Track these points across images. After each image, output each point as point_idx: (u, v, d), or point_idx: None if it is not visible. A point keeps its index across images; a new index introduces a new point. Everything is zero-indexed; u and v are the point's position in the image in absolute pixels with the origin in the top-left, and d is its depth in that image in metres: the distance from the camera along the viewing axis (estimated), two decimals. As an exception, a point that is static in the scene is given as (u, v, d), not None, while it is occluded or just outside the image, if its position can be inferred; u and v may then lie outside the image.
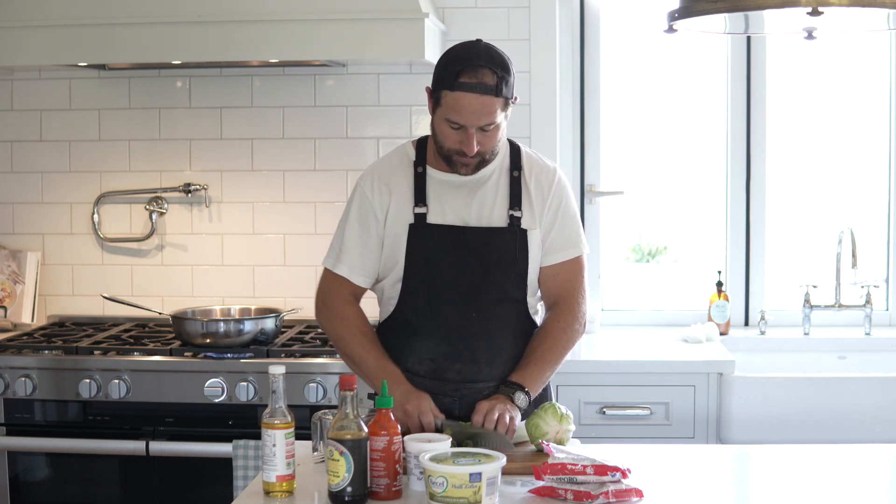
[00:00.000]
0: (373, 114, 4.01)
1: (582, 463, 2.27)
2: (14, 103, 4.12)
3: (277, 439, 2.28)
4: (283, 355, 3.52)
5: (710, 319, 4.05)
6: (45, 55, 3.62)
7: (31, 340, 3.71)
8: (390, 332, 2.76)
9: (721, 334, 4.00)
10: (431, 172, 2.73)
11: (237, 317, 3.80)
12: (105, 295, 3.92)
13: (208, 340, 3.57)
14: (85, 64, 3.79)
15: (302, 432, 2.47)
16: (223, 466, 3.28)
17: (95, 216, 4.10)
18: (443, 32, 3.85)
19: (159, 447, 3.47)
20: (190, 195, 4.07)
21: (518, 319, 2.75)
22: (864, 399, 3.50)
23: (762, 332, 4.04)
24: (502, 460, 2.19)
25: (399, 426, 2.29)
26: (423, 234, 2.69)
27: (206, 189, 4.08)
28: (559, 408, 2.56)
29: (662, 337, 3.97)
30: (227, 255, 4.10)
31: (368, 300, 2.88)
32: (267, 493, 2.29)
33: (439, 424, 2.57)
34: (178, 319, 3.63)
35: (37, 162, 4.13)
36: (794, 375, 3.57)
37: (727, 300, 4.06)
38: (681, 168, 4.41)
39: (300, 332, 3.86)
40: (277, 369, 2.30)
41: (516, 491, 2.31)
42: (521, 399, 2.62)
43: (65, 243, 4.15)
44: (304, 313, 3.87)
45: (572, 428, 2.57)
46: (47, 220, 4.15)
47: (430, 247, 2.69)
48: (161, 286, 4.12)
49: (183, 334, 3.61)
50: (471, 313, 2.70)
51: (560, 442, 2.52)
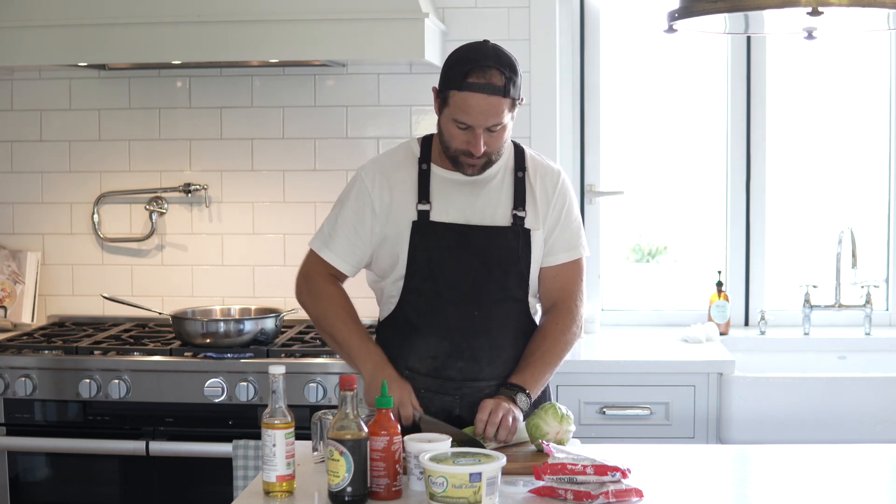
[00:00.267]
0: (373, 114, 4.01)
1: (582, 463, 2.27)
2: (14, 103, 4.12)
3: (277, 439, 2.28)
4: (283, 355, 3.52)
5: (710, 319, 4.05)
6: (45, 55, 3.62)
7: (31, 340, 3.71)
8: (391, 331, 2.76)
9: (721, 334, 4.00)
10: (435, 170, 2.73)
11: (237, 317, 3.80)
12: (105, 295, 3.92)
13: (208, 340, 3.57)
14: (85, 64, 3.79)
15: (302, 432, 2.47)
16: (223, 466, 3.28)
17: (95, 216, 4.10)
18: (443, 32, 3.85)
19: (159, 447, 3.47)
20: (190, 195, 4.07)
21: (519, 319, 2.75)
22: (864, 399, 3.50)
23: (762, 332, 4.04)
24: (502, 460, 2.19)
25: (399, 426, 2.29)
26: (425, 231, 2.68)
27: (206, 189, 4.08)
28: (559, 408, 2.56)
29: (662, 337, 3.97)
30: (227, 255, 4.10)
31: (369, 300, 2.88)
32: (267, 493, 2.29)
33: (417, 418, 2.57)
34: (178, 319, 3.63)
35: (37, 162, 4.13)
36: (794, 375, 3.57)
37: (727, 300, 4.06)
38: (681, 168, 4.41)
39: (300, 332, 3.86)
40: (277, 369, 2.30)
41: (517, 491, 2.31)
42: (523, 401, 2.62)
43: (65, 243, 4.15)
44: (303, 313, 3.86)
45: (572, 428, 2.57)
46: (47, 220, 4.15)
47: (433, 245, 2.68)
48: (161, 286, 4.12)
49: (183, 334, 3.61)
50: (472, 312, 2.69)
51: (560, 442, 2.52)
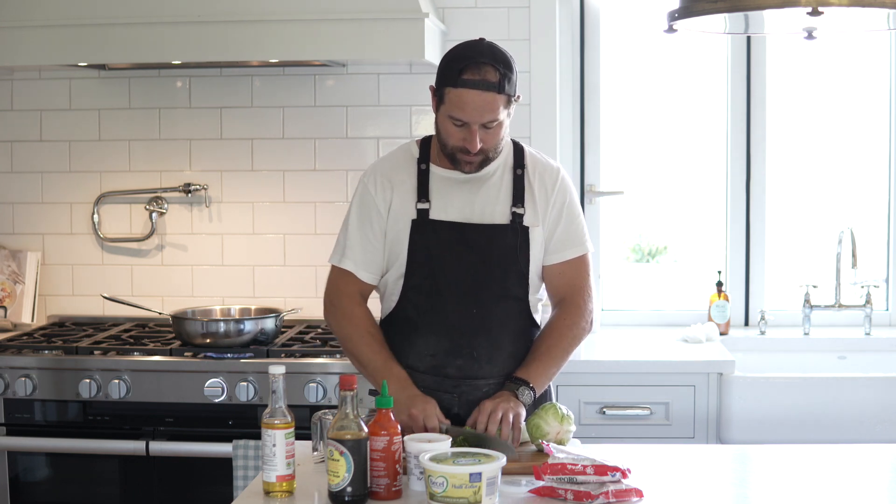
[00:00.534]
0: (373, 114, 4.01)
1: (582, 463, 2.27)
2: (14, 103, 4.12)
3: (277, 439, 2.28)
4: (283, 355, 3.52)
5: (710, 319, 4.05)
6: (45, 55, 3.62)
7: (31, 340, 3.71)
8: (391, 328, 2.77)
9: (721, 334, 4.00)
10: (434, 169, 2.74)
11: (237, 317, 3.80)
12: (105, 295, 3.92)
13: (208, 340, 3.57)
14: (85, 64, 3.79)
15: (302, 432, 2.47)
16: (223, 466, 3.28)
17: (95, 216, 4.10)
18: (443, 32, 3.85)
19: (159, 447, 3.46)
20: (190, 195, 4.07)
21: (519, 317, 2.75)
22: (864, 399, 3.50)
23: (762, 332, 4.04)
24: (502, 460, 2.18)
25: (400, 426, 2.29)
26: (425, 230, 2.69)
27: (206, 189, 4.08)
28: (560, 408, 2.56)
29: (662, 337, 3.97)
30: (227, 255, 4.10)
31: (371, 299, 2.88)
32: (267, 493, 2.29)
33: (443, 430, 2.56)
34: (178, 319, 3.63)
35: (37, 162, 4.13)
36: (794, 375, 3.57)
37: (727, 300, 4.06)
38: (681, 168, 4.41)
39: (300, 332, 3.86)
40: (277, 369, 2.30)
41: (517, 491, 2.31)
42: (526, 395, 2.62)
43: (65, 243, 4.15)
44: (304, 313, 3.88)
45: (573, 428, 2.57)
46: (47, 220, 4.15)
47: (433, 243, 2.69)
48: (161, 286, 4.12)
49: (183, 334, 3.61)
50: (472, 310, 2.70)
51: (560, 442, 2.52)
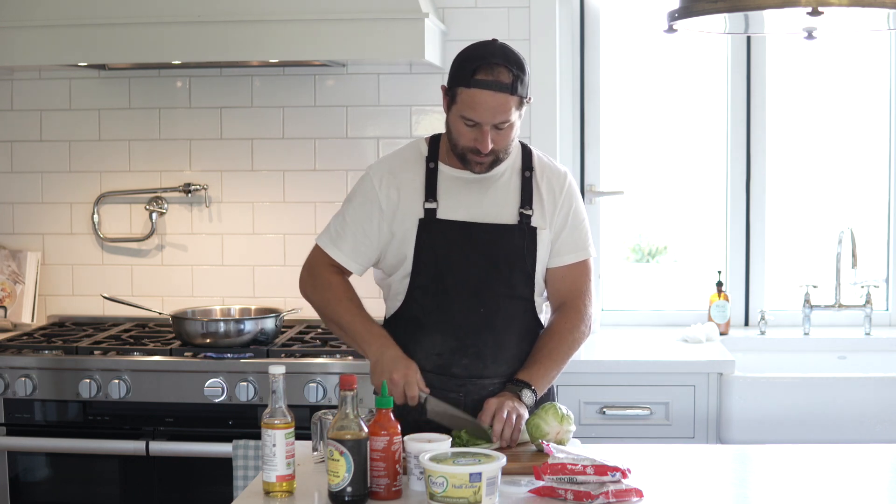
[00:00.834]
0: (373, 114, 4.01)
1: (582, 463, 2.27)
2: (14, 103, 4.12)
3: (277, 439, 2.28)
4: (283, 355, 3.52)
5: (710, 319, 4.05)
6: (45, 55, 3.61)
7: (31, 340, 3.71)
8: (397, 328, 2.77)
9: (721, 334, 4.00)
10: (443, 168, 2.74)
11: (237, 317, 3.80)
12: (105, 295, 3.92)
13: (208, 340, 3.57)
14: (85, 64, 3.79)
15: (302, 432, 2.47)
16: (223, 466, 3.28)
17: (95, 216, 4.10)
18: (443, 32, 3.85)
19: (159, 447, 3.46)
20: (190, 195, 4.07)
21: (525, 317, 2.76)
22: (864, 399, 3.50)
23: (762, 332, 4.04)
24: (502, 460, 2.19)
25: (399, 426, 2.29)
26: (432, 229, 2.70)
27: (206, 189, 4.08)
28: (560, 408, 2.56)
29: (662, 337, 3.97)
30: (227, 255, 4.10)
31: (374, 300, 2.89)
32: (267, 493, 2.29)
33: (423, 399, 2.58)
34: (178, 319, 3.63)
35: (37, 162, 4.13)
36: (794, 375, 3.57)
37: (727, 300, 4.06)
38: (681, 168, 4.41)
39: (300, 332, 3.86)
40: (277, 369, 2.30)
41: (517, 491, 2.31)
42: (529, 397, 2.63)
43: (65, 243, 4.15)
44: (304, 313, 3.86)
45: (573, 428, 2.57)
46: (47, 220, 4.14)
47: (440, 242, 2.69)
48: (161, 286, 4.11)
49: (183, 334, 3.61)
50: (478, 309, 2.70)
51: (560, 442, 2.52)
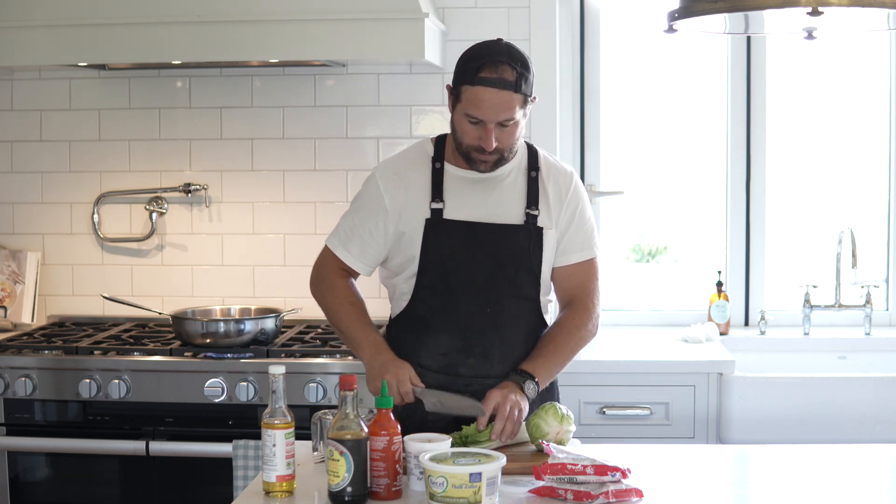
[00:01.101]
0: (373, 114, 4.01)
1: (582, 463, 2.27)
2: (14, 103, 4.12)
3: (277, 439, 2.28)
4: (283, 355, 3.52)
5: (710, 319, 4.05)
6: (45, 55, 3.61)
7: (31, 340, 3.71)
8: (403, 328, 2.77)
9: (721, 334, 4.00)
10: (449, 168, 2.74)
11: (237, 317, 3.80)
12: (105, 295, 3.92)
13: (208, 340, 3.57)
14: (85, 64, 3.79)
15: (302, 432, 2.47)
16: (223, 466, 3.28)
17: (95, 216, 4.10)
18: (443, 32, 3.85)
19: (159, 447, 3.46)
20: (190, 195, 4.07)
21: (530, 317, 2.76)
22: (864, 399, 3.50)
23: (762, 332, 4.04)
24: (502, 460, 2.19)
25: (399, 426, 2.29)
26: (438, 229, 2.70)
27: (206, 189, 4.08)
28: (560, 408, 2.56)
29: (662, 337, 3.97)
30: (227, 255, 4.10)
31: (378, 300, 2.89)
32: (267, 493, 2.30)
33: (418, 392, 2.59)
34: (178, 319, 3.63)
35: (37, 162, 4.13)
36: (794, 375, 3.57)
37: (727, 300, 4.06)
38: (681, 168, 4.41)
39: (300, 332, 3.86)
40: (277, 369, 2.31)
41: (517, 491, 2.31)
42: (531, 388, 2.63)
43: (65, 243, 4.15)
44: (304, 313, 3.87)
45: (573, 428, 2.57)
46: (47, 220, 4.14)
47: (446, 242, 2.70)
48: (161, 286, 4.11)
49: (183, 334, 3.61)
50: (484, 309, 2.71)
51: (560, 442, 2.52)
